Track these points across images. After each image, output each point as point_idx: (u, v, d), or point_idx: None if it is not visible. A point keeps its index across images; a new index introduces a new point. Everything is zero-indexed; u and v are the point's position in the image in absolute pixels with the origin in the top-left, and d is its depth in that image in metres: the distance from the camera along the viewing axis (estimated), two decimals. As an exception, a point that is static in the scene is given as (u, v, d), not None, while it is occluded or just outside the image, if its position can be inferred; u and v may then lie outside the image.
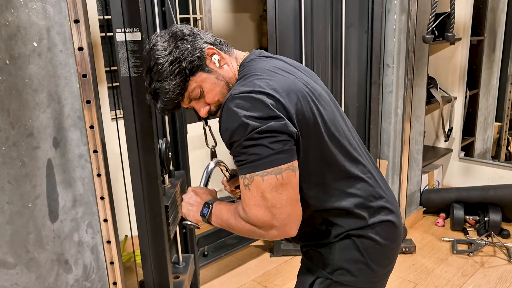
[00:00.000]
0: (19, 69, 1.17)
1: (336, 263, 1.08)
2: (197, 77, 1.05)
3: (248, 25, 3.39)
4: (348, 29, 2.43)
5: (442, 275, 2.47)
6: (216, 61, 1.07)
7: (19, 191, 1.21)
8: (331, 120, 1.04)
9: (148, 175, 1.49)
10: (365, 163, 1.10)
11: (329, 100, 1.09)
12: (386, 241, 1.09)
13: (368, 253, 1.07)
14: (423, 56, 2.80)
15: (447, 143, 3.55)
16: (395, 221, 1.11)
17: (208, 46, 1.07)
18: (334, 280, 1.08)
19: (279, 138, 0.92)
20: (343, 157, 1.05)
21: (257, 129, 0.91)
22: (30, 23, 1.17)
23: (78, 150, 1.30)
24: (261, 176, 0.92)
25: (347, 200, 1.05)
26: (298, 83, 1.01)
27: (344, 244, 1.07)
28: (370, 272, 1.08)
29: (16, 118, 1.18)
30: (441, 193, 3.21)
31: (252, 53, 1.13)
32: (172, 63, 1.02)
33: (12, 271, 1.23)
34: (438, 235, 2.92)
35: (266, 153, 0.91)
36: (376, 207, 1.08)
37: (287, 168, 0.93)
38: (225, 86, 1.08)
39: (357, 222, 1.06)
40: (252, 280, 2.46)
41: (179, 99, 1.06)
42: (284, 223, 0.95)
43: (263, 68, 1.03)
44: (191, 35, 1.07)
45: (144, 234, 1.55)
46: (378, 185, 1.11)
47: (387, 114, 2.69)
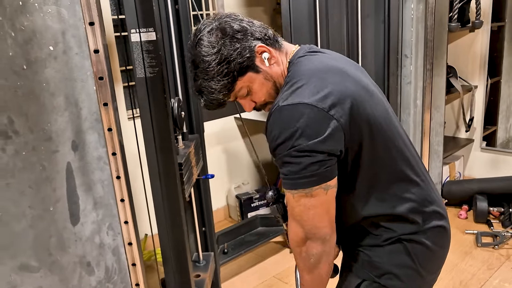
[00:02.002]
0: (36, 74, 1.17)
1: (385, 267, 1.04)
2: (246, 77, 1.01)
3: (262, 19, 3.34)
4: (364, 19, 2.38)
5: (467, 269, 2.42)
6: (265, 60, 1.02)
7: (40, 195, 1.22)
8: (384, 119, 1.00)
9: (167, 174, 1.49)
10: (418, 165, 1.06)
11: (380, 97, 1.04)
12: (436, 247, 1.05)
13: (418, 259, 1.03)
14: (442, 45, 2.72)
15: (468, 133, 3.47)
16: (446, 226, 1.08)
17: (259, 44, 1.01)
18: (381, 284, 1.05)
19: (317, 159, 0.90)
20: (398, 159, 1.01)
21: (297, 147, 0.89)
22: (46, 27, 1.17)
23: (96, 153, 1.30)
24: (292, 194, 0.93)
25: (402, 205, 1.01)
26: (349, 85, 0.96)
27: (395, 248, 1.03)
28: (418, 277, 1.05)
29: (35, 122, 1.18)
30: (463, 185, 3.15)
31: (301, 48, 1.07)
32: (220, 63, 0.98)
33: (36, 275, 1.24)
34: (461, 227, 2.86)
35: (301, 174, 0.90)
36: (429, 211, 1.04)
37: (318, 188, 0.91)
38: (272, 86, 1.04)
39: (410, 227, 1.02)
40: (273, 277, 2.45)
41: (225, 98, 1.03)
42: (313, 232, 0.95)
43: (313, 70, 0.98)
44: (241, 31, 1.00)
45: (164, 234, 1.54)
46: (430, 188, 1.07)
47: (406, 105, 2.63)
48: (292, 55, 1.06)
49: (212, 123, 2.73)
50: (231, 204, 3.19)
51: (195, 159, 1.84)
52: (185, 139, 1.81)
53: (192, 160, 1.77)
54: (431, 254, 1.05)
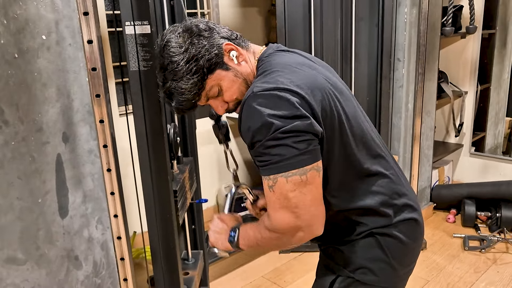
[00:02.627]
0: (28, 63, 1.15)
1: (358, 261, 1.05)
2: (215, 75, 1.00)
3: (256, 20, 3.36)
4: (358, 22, 2.39)
5: (454, 272, 2.44)
6: (234, 58, 1.02)
7: (29, 187, 1.20)
8: (353, 116, 1.01)
9: (158, 170, 1.47)
10: (387, 159, 1.07)
11: (349, 96, 1.06)
12: (409, 240, 1.06)
13: (391, 252, 1.04)
14: (434, 50, 2.75)
15: (457, 138, 3.51)
16: (418, 219, 1.08)
17: (226, 42, 1.02)
18: (356, 279, 1.05)
19: (304, 138, 0.88)
20: (366, 154, 1.02)
21: (281, 128, 0.87)
22: (39, 16, 1.16)
23: (87, 145, 1.29)
24: (285, 177, 0.89)
25: (372, 198, 1.02)
26: (320, 79, 0.97)
27: (367, 242, 1.04)
28: (392, 271, 1.05)
29: (25, 113, 1.17)
30: (451, 189, 3.17)
31: (269, 47, 1.08)
32: (188, 62, 0.97)
33: (22, 267, 1.22)
34: (449, 231, 2.88)
35: (290, 154, 0.88)
36: (400, 204, 1.05)
37: (311, 169, 0.90)
38: (243, 83, 1.03)
39: (381, 220, 1.03)
40: (262, 277, 2.45)
41: (196, 98, 1.02)
42: (309, 224, 0.93)
43: (283, 63, 0.99)
44: (207, 30, 1.01)
45: (154, 231, 1.53)
46: (400, 182, 1.08)
47: (397, 109, 2.65)
48: (261, 53, 1.07)
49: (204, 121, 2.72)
50: (221, 203, 3.17)
51: (189, 183, 1.83)
52: (180, 163, 1.82)
53: (186, 185, 1.77)
54: (403, 247, 1.06)
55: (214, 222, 1.12)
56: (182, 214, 1.68)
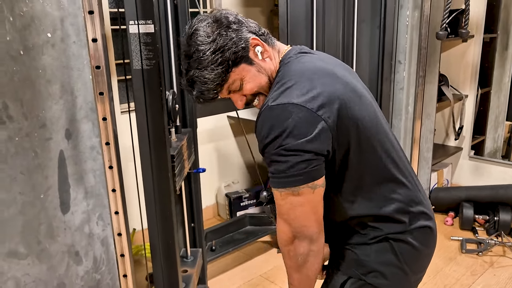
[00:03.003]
0: (33, 60, 1.17)
1: (371, 265, 1.05)
2: (239, 69, 1.01)
3: (259, 20, 3.36)
4: (360, 24, 2.41)
5: (451, 274, 2.45)
6: (259, 53, 1.02)
7: (31, 182, 1.21)
8: (373, 122, 1.01)
9: (159, 168, 1.49)
10: (405, 166, 1.07)
11: (370, 100, 1.05)
12: (422, 247, 1.06)
13: (404, 258, 1.04)
14: (435, 53, 2.77)
15: (457, 142, 3.52)
16: (432, 227, 1.09)
17: (253, 37, 1.02)
18: (367, 282, 1.06)
19: (305, 158, 0.90)
20: (385, 161, 1.02)
21: (284, 146, 0.90)
22: (45, 13, 1.17)
23: (90, 142, 1.30)
24: (279, 192, 0.94)
25: (388, 206, 1.03)
26: (338, 86, 0.97)
27: (381, 246, 1.05)
28: (403, 276, 1.06)
29: (29, 109, 1.18)
30: (450, 192, 3.19)
31: (293, 48, 1.09)
32: (215, 52, 0.97)
33: (23, 262, 1.24)
34: (447, 234, 2.90)
35: (288, 172, 0.91)
36: (416, 212, 1.06)
37: (305, 187, 0.92)
38: (265, 79, 1.04)
39: (396, 227, 1.04)
40: (260, 276, 2.46)
41: (218, 89, 1.02)
42: (299, 230, 0.96)
43: (302, 70, 0.99)
44: (237, 22, 1.01)
45: (154, 228, 1.54)
46: (417, 189, 1.08)
47: (397, 111, 2.66)
48: (284, 54, 1.08)
49: (204, 120, 2.74)
50: (221, 202, 3.19)
51: (187, 152, 1.84)
52: (178, 132, 1.82)
53: (184, 153, 1.78)
54: (417, 254, 1.06)
55: None
56: (179, 181, 1.67)
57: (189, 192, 2.07)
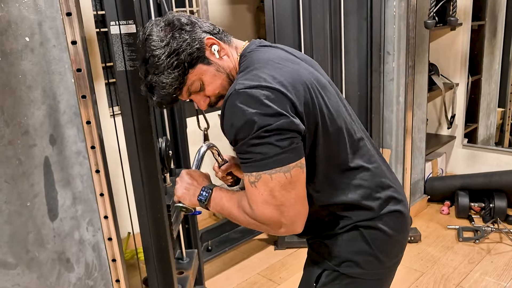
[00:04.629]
0: (12, 65, 1.14)
1: (343, 255, 1.05)
2: (196, 69, 1.00)
3: (246, 17, 3.35)
4: (347, 16, 2.39)
5: (449, 263, 2.45)
6: (215, 52, 1.02)
7: (17, 190, 1.19)
8: (336, 110, 1.01)
9: (148, 170, 1.47)
10: (371, 153, 1.07)
11: (332, 90, 1.05)
12: (394, 232, 1.06)
13: (376, 245, 1.04)
14: (423, 42, 2.76)
15: (450, 130, 3.52)
16: (403, 211, 1.09)
17: (208, 36, 1.01)
18: (341, 272, 1.06)
19: (287, 136, 0.89)
20: (349, 148, 1.02)
21: (264, 127, 0.87)
22: (21, 17, 1.14)
23: (75, 147, 1.28)
24: (269, 175, 0.89)
25: (354, 192, 1.02)
26: (303, 74, 0.97)
27: (351, 235, 1.04)
28: (378, 263, 1.06)
29: (11, 116, 1.16)
30: (445, 181, 3.19)
31: (252, 42, 1.08)
32: (169, 56, 0.97)
33: (13, 272, 1.21)
34: (443, 223, 2.90)
35: (274, 152, 0.88)
36: (384, 197, 1.05)
37: (295, 166, 0.90)
38: (226, 78, 1.03)
39: (365, 214, 1.04)
40: (257, 274, 2.45)
41: (177, 93, 1.01)
42: (292, 221, 0.93)
43: (266, 59, 0.98)
44: (189, 24, 1.01)
45: (146, 231, 1.52)
46: (384, 175, 1.08)
47: (388, 102, 2.66)
48: (243, 49, 1.07)
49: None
50: (216, 202, 3.17)
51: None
52: (173, 175, 1.81)
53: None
54: (389, 239, 1.06)
55: (182, 177, 1.11)
56: (176, 228, 1.68)
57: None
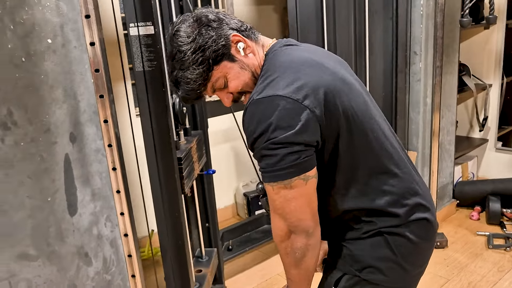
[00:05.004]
0: (35, 66, 1.19)
1: (366, 260, 1.03)
2: (221, 66, 1.01)
3: (272, 18, 3.35)
4: (372, 16, 2.35)
5: (476, 271, 2.37)
6: (241, 50, 1.02)
7: (39, 186, 1.24)
8: (363, 112, 0.99)
9: (166, 170, 1.50)
10: (400, 157, 1.04)
11: (360, 90, 1.03)
12: (420, 240, 1.03)
13: (400, 252, 1.01)
14: (453, 42, 2.67)
15: (482, 133, 3.39)
16: (430, 219, 1.05)
17: (234, 33, 1.01)
18: (362, 278, 1.03)
19: (294, 149, 0.89)
20: (377, 152, 1.00)
21: (273, 139, 0.89)
22: (45, 20, 1.19)
23: (94, 145, 1.32)
24: (272, 186, 0.93)
25: (381, 198, 1.00)
26: (324, 76, 0.96)
27: (375, 241, 1.02)
28: (402, 271, 1.03)
29: (34, 114, 1.21)
30: (476, 185, 3.08)
31: (278, 42, 1.07)
32: (195, 52, 0.98)
33: (34, 263, 1.27)
34: (472, 229, 2.80)
35: (278, 166, 0.90)
36: (412, 204, 1.02)
37: (297, 179, 0.91)
38: (250, 76, 1.03)
39: (390, 220, 1.01)
40: (278, 275, 2.45)
41: (201, 89, 1.02)
42: (296, 225, 0.94)
43: (287, 62, 0.98)
44: (217, 20, 1.01)
45: (163, 229, 1.55)
46: (413, 181, 1.04)
47: (415, 103, 2.59)
48: (269, 47, 1.06)
49: (219, 120, 2.74)
50: (239, 202, 3.19)
51: (197, 154, 1.84)
52: (188, 134, 1.82)
53: (193, 155, 1.78)
54: (414, 247, 1.03)
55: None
56: (188, 183, 1.67)
57: (202, 193, 2.08)
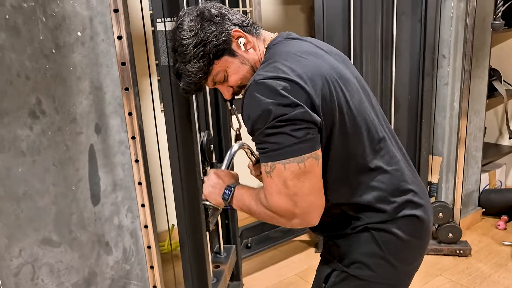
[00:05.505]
0: (64, 58, 1.23)
1: (353, 256, 1.03)
2: (222, 61, 1.03)
3: (299, 17, 3.34)
4: (400, 17, 2.31)
5: (500, 281, 2.30)
6: (241, 45, 1.04)
7: (63, 174, 1.28)
8: (357, 108, 0.99)
9: (187, 166, 1.51)
10: (392, 154, 1.04)
11: (357, 87, 1.03)
12: (409, 237, 1.02)
13: (387, 248, 1.01)
14: (484, 46, 2.61)
15: (511, 141, 3.29)
16: (421, 216, 1.04)
17: (235, 29, 1.04)
18: (350, 273, 1.03)
19: (302, 126, 0.89)
20: (367, 148, 1.00)
21: (279, 117, 0.88)
22: (75, 13, 1.23)
23: (118, 136, 1.35)
24: (283, 164, 0.90)
25: (369, 194, 1.00)
26: (324, 67, 0.97)
27: (363, 237, 1.02)
28: (390, 268, 1.02)
29: (61, 104, 1.25)
30: (503, 194, 2.99)
31: (279, 35, 1.09)
32: (196, 46, 1.00)
33: (57, 249, 1.31)
34: (498, 238, 2.72)
35: (288, 142, 0.89)
36: (401, 201, 1.02)
37: (309, 157, 0.90)
38: (249, 70, 1.05)
39: (377, 216, 1.01)
40: (295, 275, 2.44)
41: (201, 82, 1.05)
42: (306, 212, 0.93)
43: (288, 51, 0.99)
44: (219, 16, 1.03)
45: (182, 223, 1.57)
46: (403, 178, 1.04)
47: (441, 108, 2.54)
48: (270, 41, 1.08)
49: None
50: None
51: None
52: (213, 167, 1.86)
53: None
54: (403, 244, 1.02)
55: (210, 176, 1.14)
56: (213, 221, 1.71)
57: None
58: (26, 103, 1.19)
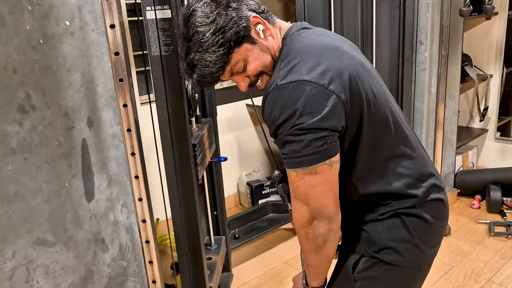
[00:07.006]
0: (53, 49, 1.17)
1: (383, 241, 1.03)
2: (242, 48, 0.97)
3: (275, 7, 3.32)
4: (379, 5, 2.34)
5: (479, 258, 2.40)
6: (260, 32, 0.99)
7: (56, 171, 1.23)
8: (381, 96, 0.99)
9: (181, 156, 1.49)
10: (414, 139, 1.05)
11: (375, 74, 1.03)
12: (435, 220, 1.04)
13: (416, 233, 1.02)
14: (457, 32, 2.68)
15: (482, 123, 3.42)
16: (444, 199, 1.07)
17: (253, 15, 0.98)
18: (380, 259, 1.04)
19: (321, 135, 0.89)
20: (394, 135, 1.00)
21: (298, 125, 0.88)
22: (62, 2, 1.17)
23: (111, 130, 1.31)
24: (296, 172, 0.92)
25: (398, 181, 1.01)
26: (346, 61, 0.95)
27: (392, 222, 1.03)
28: (418, 251, 1.04)
29: (52, 98, 1.19)
30: (476, 175, 3.11)
31: (294, 25, 1.06)
32: (215, 33, 0.94)
33: (51, 249, 1.26)
34: (473, 217, 2.83)
35: (304, 152, 0.89)
36: (427, 185, 1.03)
37: (322, 164, 0.91)
38: (269, 58, 1.01)
39: (408, 202, 1.02)
40: (284, 263, 2.46)
41: (220, 72, 0.99)
42: (319, 211, 0.94)
43: (307, 48, 0.96)
44: (236, 1, 0.97)
45: (177, 215, 1.55)
46: (426, 163, 1.06)
47: (420, 93, 2.60)
48: (286, 31, 1.04)
49: (223, 108, 2.72)
50: (242, 191, 3.19)
51: (208, 142, 1.84)
52: (199, 122, 1.82)
53: (205, 142, 1.77)
54: (429, 228, 1.04)
55: None
56: (201, 170, 1.68)
57: (211, 181, 2.07)
58: (14, 97, 1.13)
